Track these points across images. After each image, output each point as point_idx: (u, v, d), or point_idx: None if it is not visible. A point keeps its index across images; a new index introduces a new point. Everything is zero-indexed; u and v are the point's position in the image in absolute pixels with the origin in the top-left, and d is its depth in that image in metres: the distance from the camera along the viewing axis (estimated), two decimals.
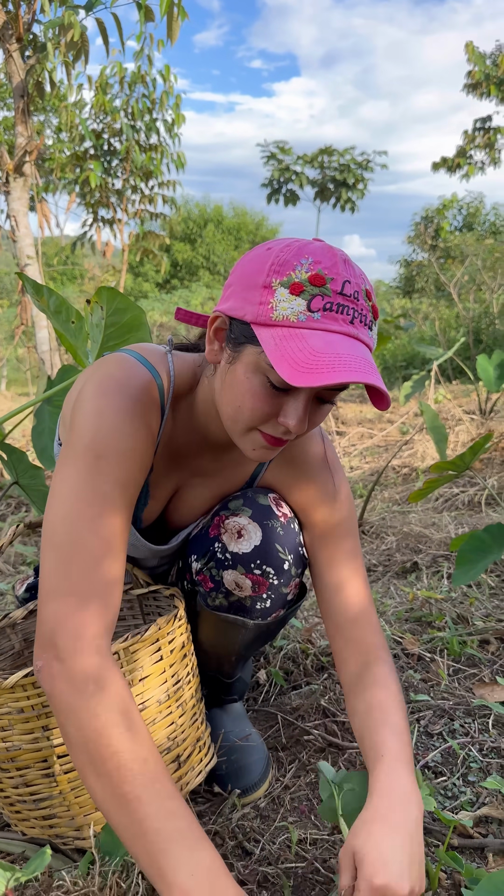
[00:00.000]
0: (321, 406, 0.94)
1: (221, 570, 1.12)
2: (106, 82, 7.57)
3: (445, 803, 1.18)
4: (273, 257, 0.87)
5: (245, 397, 0.91)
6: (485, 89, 10.79)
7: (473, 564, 1.67)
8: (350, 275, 0.87)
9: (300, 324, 0.84)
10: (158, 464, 1.10)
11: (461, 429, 4.63)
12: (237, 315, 0.89)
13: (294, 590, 1.16)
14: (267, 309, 0.86)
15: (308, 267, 0.85)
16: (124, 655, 1.00)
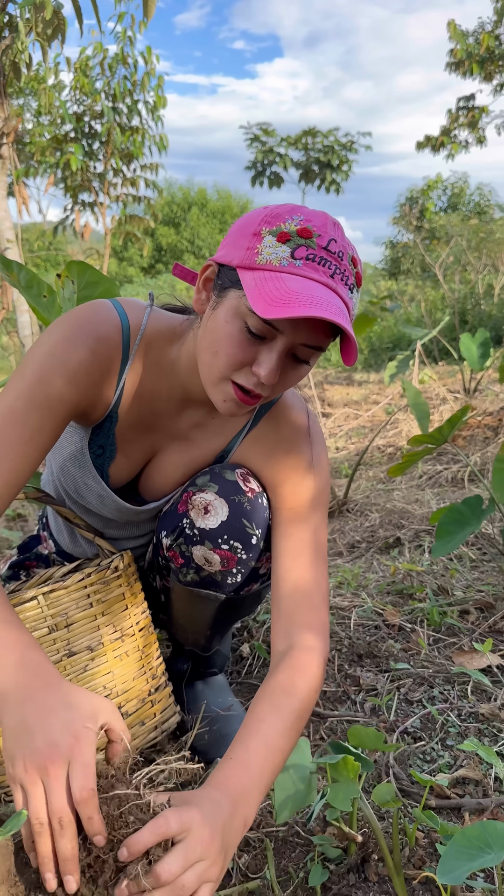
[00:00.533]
0: (297, 365, 0.96)
1: (190, 546, 1.12)
2: (86, 63, 7.48)
3: (424, 767, 1.20)
4: (267, 211, 0.92)
5: (222, 342, 0.93)
6: (467, 68, 10.73)
7: (452, 536, 1.69)
8: (337, 236, 0.91)
9: (282, 268, 0.88)
10: (128, 415, 1.10)
11: (445, 408, 4.65)
12: (226, 261, 0.93)
13: (266, 564, 1.16)
14: (253, 253, 0.90)
15: (298, 222, 0.90)
16: (45, 600, 1.03)
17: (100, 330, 1.02)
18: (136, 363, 1.07)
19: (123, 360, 1.05)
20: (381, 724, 1.31)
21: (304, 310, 0.83)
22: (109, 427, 1.11)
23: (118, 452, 1.14)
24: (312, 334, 0.92)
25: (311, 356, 0.95)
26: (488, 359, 4.63)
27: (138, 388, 1.08)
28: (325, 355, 11.89)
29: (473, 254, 12.32)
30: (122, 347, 1.04)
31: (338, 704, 1.38)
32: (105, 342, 1.02)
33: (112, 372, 1.05)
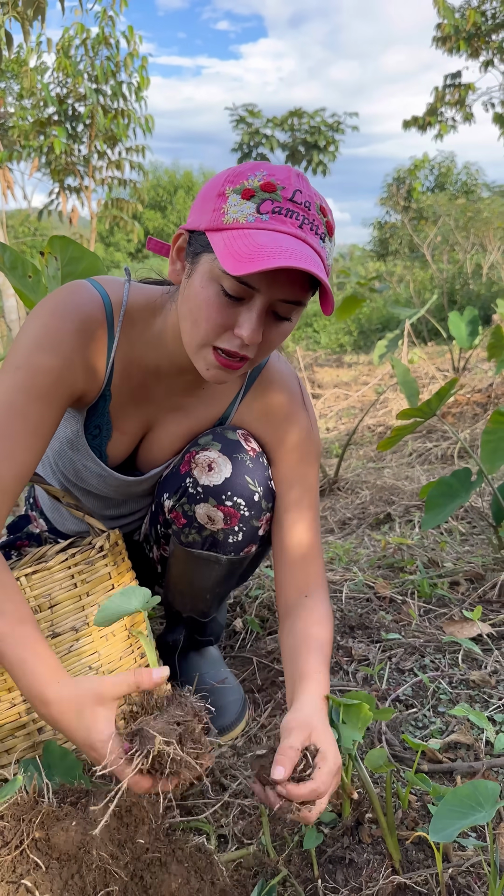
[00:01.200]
0: (279, 323, 0.95)
1: (194, 505, 1.13)
2: (68, 44, 7.38)
3: (416, 733, 1.21)
4: (230, 171, 0.92)
5: (201, 308, 0.93)
6: (454, 43, 10.64)
7: (442, 509, 1.70)
8: (302, 187, 0.91)
9: (249, 225, 0.88)
10: (120, 391, 1.11)
11: (435, 386, 4.66)
12: (195, 227, 0.94)
13: (266, 525, 1.17)
14: (220, 214, 0.90)
15: (261, 177, 0.89)
16: (27, 582, 1.03)
17: (83, 310, 1.02)
18: (123, 339, 1.07)
19: (110, 337, 1.05)
20: (373, 693, 1.32)
21: (274, 261, 0.83)
22: (104, 406, 1.11)
23: (114, 430, 1.15)
24: (289, 288, 0.91)
25: (292, 312, 0.95)
26: (477, 337, 4.63)
27: (127, 363, 1.09)
28: (314, 337, 11.87)
29: (461, 233, 12.29)
30: (107, 324, 1.05)
31: (331, 675, 1.39)
32: (89, 321, 1.02)
33: (100, 350, 1.05)
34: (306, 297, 0.95)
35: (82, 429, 1.13)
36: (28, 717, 1.02)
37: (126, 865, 0.85)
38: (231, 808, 1.06)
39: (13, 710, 1.01)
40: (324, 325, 12.15)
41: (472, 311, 4.83)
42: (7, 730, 1.01)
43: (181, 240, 0.98)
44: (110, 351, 1.06)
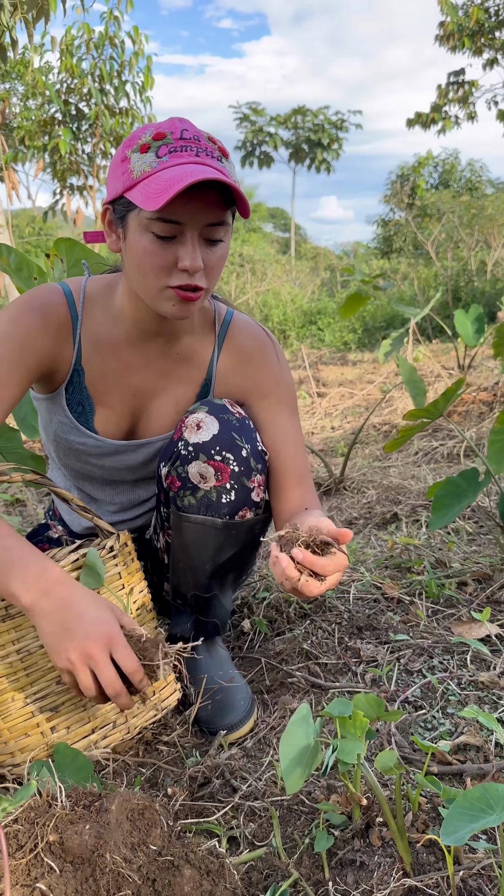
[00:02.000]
0: (212, 247, 1.07)
1: (186, 466, 1.19)
2: (72, 43, 7.38)
3: (425, 735, 1.21)
4: (125, 140, 1.08)
5: (142, 258, 1.05)
6: (457, 41, 10.61)
7: (449, 509, 1.69)
8: (187, 126, 1.06)
9: (154, 170, 1.01)
10: (92, 366, 1.22)
11: (441, 385, 4.66)
12: (114, 195, 1.07)
13: (259, 490, 1.23)
14: (129, 175, 1.03)
15: (150, 132, 1.04)
16: None
17: (44, 298, 1.17)
18: (87, 319, 1.21)
19: (74, 319, 1.19)
20: (381, 694, 1.32)
21: (182, 183, 0.95)
22: (79, 381, 1.22)
23: (97, 404, 1.24)
24: (209, 211, 1.03)
25: (219, 233, 1.06)
26: (482, 334, 4.62)
27: (94, 339, 1.21)
28: (318, 335, 11.86)
29: (465, 230, 12.27)
30: (69, 308, 1.19)
31: (339, 676, 1.40)
32: (51, 305, 1.17)
33: (65, 330, 1.18)
34: (226, 215, 1.06)
35: (66, 408, 1.23)
36: (41, 716, 1.03)
37: (139, 869, 0.85)
38: (241, 811, 1.07)
39: (26, 709, 1.02)
40: (328, 323, 12.14)
41: (477, 308, 4.82)
42: (20, 729, 1.02)
43: (108, 214, 1.11)
44: (75, 331, 1.19)
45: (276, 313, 12.06)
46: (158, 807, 0.95)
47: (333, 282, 15.68)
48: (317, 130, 27.84)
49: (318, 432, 4.28)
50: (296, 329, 11.99)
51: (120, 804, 0.90)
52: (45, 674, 1.02)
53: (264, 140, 28.08)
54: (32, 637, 1.01)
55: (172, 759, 1.20)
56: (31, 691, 1.01)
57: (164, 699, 1.17)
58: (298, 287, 14.34)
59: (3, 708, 1.00)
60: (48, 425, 1.28)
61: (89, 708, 1.06)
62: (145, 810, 0.92)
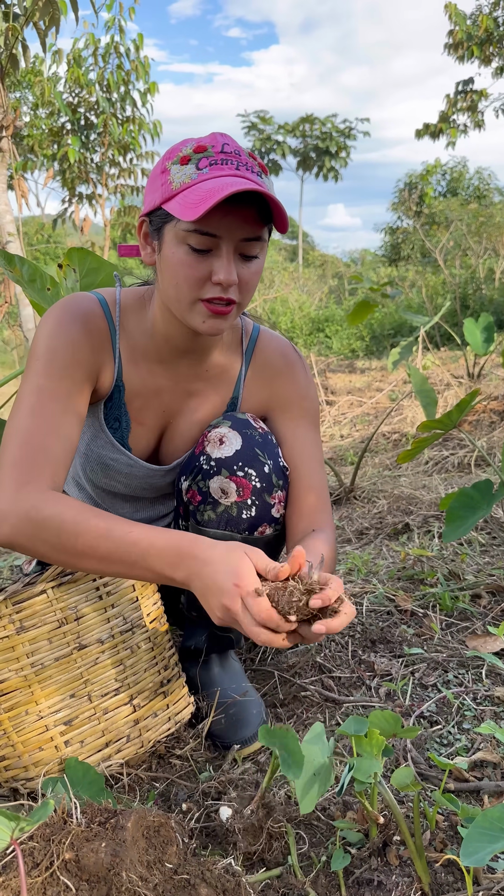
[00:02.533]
0: (247, 263, 1.06)
1: (208, 480, 1.18)
2: (79, 54, 7.43)
3: (441, 750, 1.20)
4: (165, 152, 1.07)
5: (177, 270, 1.05)
6: (466, 50, 10.63)
7: (463, 521, 1.68)
8: (228, 140, 1.05)
9: (194, 181, 1.01)
10: (132, 381, 1.20)
11: (450, 393, 4.64)
12: (151, 207, 1.07)
13: (279, 506, 1.22)
14: (168, 186, 1.03)
15: (192, 145, 1.04)
16: (53, 594, 1.03)
17: (83, 307, 1.15)
18: (123, 332, 1.19)
19: (112, 330, 1.17)
20: (396, 709, 1.31)
21: (221, 194, 0.94)
22: (119, 397, 1.21)
23: (133, 422, 1.23)
24: (245, 226, 1.02)
25: (255, 249, 1.06)
26: (492, 343, 4.61)
27: (132, 353, 1.20)
28: (326, 342, 11.87)
29: (473, 238, 12.27)
30: (107, 318, 1.17)
31: (353, 690, 1.38)
32: (91, 315, 1.15)
33: (105, 341, 1.16)
34: (263, 231, 1.05)
35: (103, 422, 1.21)
36: (55, 729, 1.02)
37: (155, 887, 0.84)
38: None
39: (40, 723, 1.01)
40: (336, 331, 12.14)
41: (487, 317, 4.81)
42: (34, 743, 1.01)
43: (144, 226, 1.10)
44: (115, 344, 1.18)
45: (283, 320, 12.08)
46: (174, 824, 0.94)
47: (341, 289, 15.69)
48: (324, 138, 27.92)
49: (328, 440, 4.28)
50: (303, 336, 12.00)
51: (136, 821, 0.89)
52: (60, 687, 1.01)
53: (272, 148, 28.18)
54: (48, 650, 1.00)
55: (185, 773, 1.19)
56: (46, 705, 1.00)
57: (178, 712, 1.17)
58: (306, 294, 14.36)
59: (17, 721, 0.99)
60: (80, 437, 1.24)
61: (103, 721, 1.05)
62: (161, 827, 0.91)
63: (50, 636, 1.00)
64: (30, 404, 1.05)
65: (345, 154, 28.16)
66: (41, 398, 1.05)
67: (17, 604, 0.98)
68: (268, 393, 1.29)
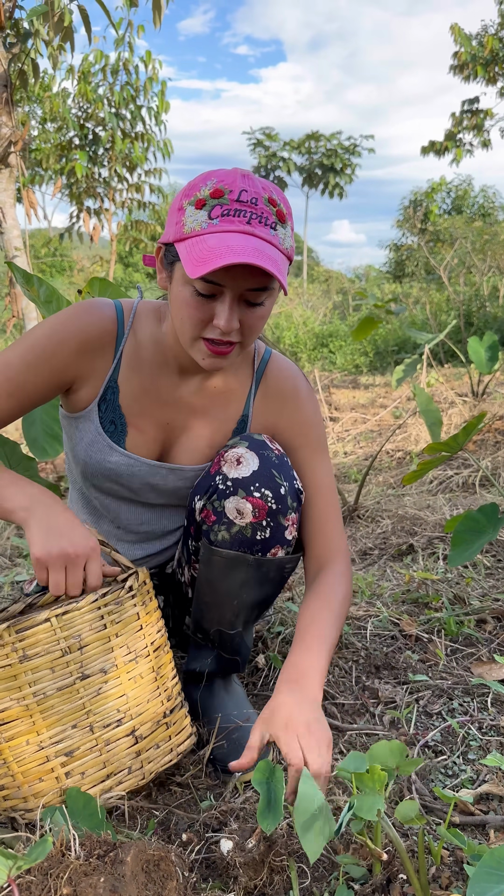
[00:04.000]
0: (253, 309, 1.07)
1: (223, 500, 1.18)
2: (88, 70, 7.50)
3: (446, 782, 1.18)
4: (187, 185, 1.07)
5: (182, 308, 1.07)
6: (471, 70, 10.72)
7: (469, 545, 1.67)
8: (248, 185, 1.03)
9: (203, 231, 1.01)
10: (129, 385, 1.23)
11: (454, 411, 4.63)
12: (166, 240, 1.09)
13: (292, 528, 1.22)
14: (180, 227, 1.05)
15: (211, 185, 1.03)
16: (57, 622, 1.01)
17: (97, 306, 1.19)
18: (132, 337, 1.22)
19: (120, 333, 1.20)
20: (400, 738, 1.29)
21: (220, 261, 0.96)
22: (113, 398, 1.22)
23: (129, 426, 1.24)
24: (250, 278, 1.03)
25: (260, 297, 1.07)
26: (496, 362, 4.60)
27: (136, 359, 1.22)
28: (330, 358, 11.88)
29: (478, 256, 12.31)
30: (118, 323, 1.20)
31: (356, 717, 1.37)
32: (102, 317, 1.19)
33: (107, 343, 1.19)
34: (269, 282, 1.05)
35: (98, 425, 1.23)
36: (56, 760, 1.01)
37: None
38: None
39: (41, 754, 1.00)
40: (339, 346, 12.16)
41: (491, 335, 4.81)
42: (34, 774, 1.00)
43: (161, 252, 1.13)
44: (118, 346, 1.20)
45: (287, 335, 12.10)
46: (174, 857, 0.93)
47: (345, 305, 15.74)
48: (330, 155, 28.12)
49: (332, 457, 4.27)
50: (307, 351, 12.02)
51: (135, 855, 0.87)
52: (62, 717, 1.00)
53: (278, 165, 28.37)
54: (50, 679, 0.99)
55: (186, 801, 1.17)
56: (47, 735, 0.99)
57: (181, 743, 1.15)
58: (310, 310, 14.40)
59: (18, 751, 0.97)
60: (76, 446, 1.27)
61: (104, 752, 1.03)
62: (161, 861, 0.90)
63: (53, 665, 0.99)
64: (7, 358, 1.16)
65: (349, 171, 28.35)
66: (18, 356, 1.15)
67: (21, 631, 0.97)
68: (275, 418, 1.30)
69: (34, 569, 1.04)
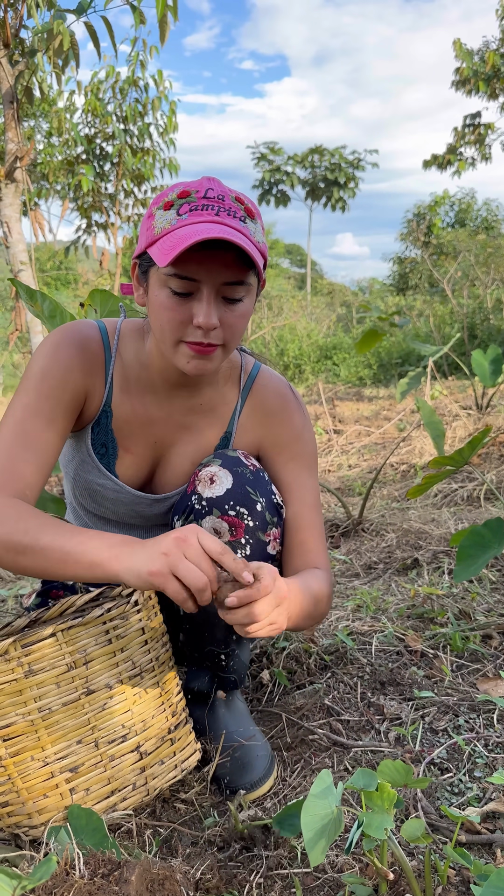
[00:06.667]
0: (232, 306, 1.07)
1: (200, 520, 1.17)
2: (98, 87, 7.57)
3: (452, 799, 1.17)
4: (156, 196, 1.10)
5: (160, 312, 1.07)
6: (473, 86, 10.79)
7: (474, 560, 1.66)
8: (214, 185, 1.06)
9: (172, 227, 1.02)
10: (121, 408, 1.22)
11: (458, 424, 4.63)
12: (139, 251, 1.10)
13: (275, 543, 1.21)
14: (151, 231, 1.06)
15: (178, 190, 1.06)
16: (63, 637, 1.00)
17: (81, 332, 1.18)
18: (119, 359, 1.22)
19: (107, 357, 1.20)
20: (406, 755, 1.28)
21: (189, 241, 0.96)
22: (106, 423, 1.22)
23: (120, 449, 1.24)
24: (226, 270, 1.03)
25: (238, 293, 1.06)
26: (500, 375, 4.61)
27: (124, 381, 1.22)
28: (334, 370, 11.90)
29: (481, 269, 12.34)
30: (104, 345, 1.20)
31: (361, 734, 1.36)
32: (88, 339, 1.18)
33: (99, 366, 1.19)
34: (245, 275, 1.05)
35: (90, 446, 1.23)
36: (60, 776, 1.00)
37: None
38: (258, 874, 1.03)
39: (45, 769, 1.00)
40: (343, 359, 12.18)
41: (495, 349, 4.81)
42: (38, 790, 0.99)
43: (136, 268, 1.14)
44: (108, 369, 1.20)
45: (291, 348, 12.13)
46: (179, 876, 0.92)
47: (349, 317, 15.78)
48: (333, 169, 28.29)
49: (335, 470, 4.26)
50: (311, 364, 12.04)
51: (140, 874, 0.87)
52: (67, 733, 0.99)
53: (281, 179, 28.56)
54: (55, 694, 0.98)
55: (190, 818, 1.16)
56: (52, 751, 0.99)
57: (185, 759, 1.14)
58: (314, 322, 14.44)
59: (23, 767, 0.97)
60: (69, 463, 1.28)
61: (109, 768, 1.03)
62: (166, 881, 0.89)
63: (58, 680, 0.99)
64: (13, 420, 1.10)
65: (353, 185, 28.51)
66: (25, 414, 1.10)
67: (27, 646, 0.97)
68: (262, 432, 1.29)
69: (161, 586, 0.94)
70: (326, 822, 0.91)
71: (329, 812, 0.92)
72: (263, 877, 1.02)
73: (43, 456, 1.10)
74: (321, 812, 0.91)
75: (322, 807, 0.92)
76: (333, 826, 0.91)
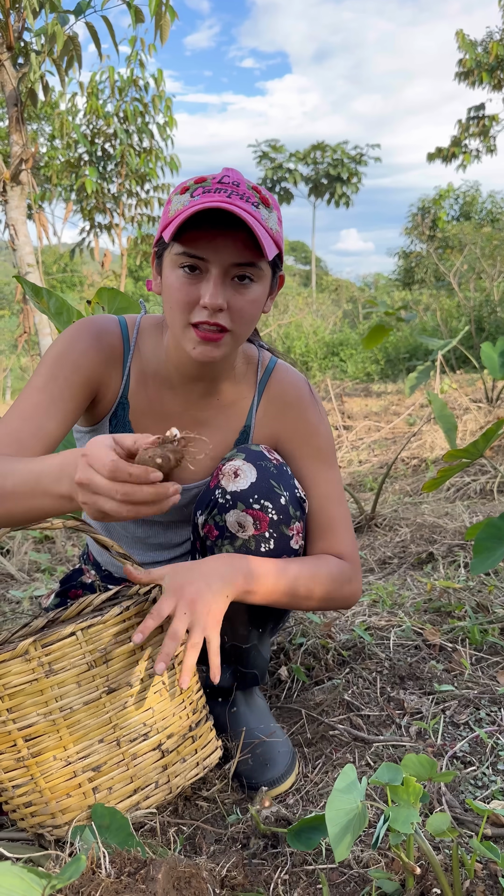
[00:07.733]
0: (240, 288, 1.07)
1: (224, 514, 1.17)
2: (97, 87, 7.57)
3: (476, 793, 1.17)
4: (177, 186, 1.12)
5: (171, 293, 1.08)
6: (476, 77, 10.74)
7: (491, 552, 1.65)
8: (231, 173, 1.08)
9: (185, 208, 1.03)
10: (138, 400, 1.23)
11: (469, 417, 4.61)
12: (157, 237, 1.12)
13: (298, 537, 1.20)
14: (167, 217, 1.08)
15: (197, 177, 1.08)
16: (83, 636, 0.99)
17: (100, 325, 1.20)
18: (137, 353, 1.23)
19: (126, 350, 1.21)
20: (428, 749, 1.27)
21: (195, 208, 0.98)
22: (123, 415, 1.23)
23: None
24: (235, 251, 1.04)
25: (248, 273, 1.06)
26: None
27: (142, 374, 1.23)
28: (341, 366, 11.87)
29: (487, 261, 12.27)
30: (123, 339, 1.22)
31: (382, 729, 1.35)
32: (106, 331, 1.20)
33: (117, 359, 1.20)
34: (256, 258, 1.05)
35: None
36: (83, 776, 1.00)
37: None
38: (283, 870, 1.02)
39: (68, 769, 0.99)
40: (350, 355, 12.15)
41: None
42: (61, 790, 0.99)
43: (154, 259, 1.15)
44: (126, 362, 1.21)
45: (298, 345, 12.11)
46: (205, 873, 0.92)
47: (355, 313, 15.74)
48: (336, 165, 28.21)
49: (346, 466, 4.25)
50: (318, 360, 12.02)
51: (167, 872, 0.86)
52: (89, 732, 0.99)
53: (284, 176, 28.50)
54: (76, 693, 0.98)
55: (213, 815, 1.16)
56: (74, 750, 0.98)
57: (207, 757, 1.14)
58: (320, 319, 14.41)
59: (45, 767, 0.97)
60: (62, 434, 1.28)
61: (131, 767, 1.03)
62: (192, 878, 0.89)
63: (79, 679, 0.98)
64: (21, 400, 1.13)
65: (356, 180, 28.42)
66: (31, 393, 1.13)
67: (47, 646, 0.96)
68: (278, 427, 1.29)
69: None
70: (352, 818, 0.90)
71: (354, 807, 0.91)
72: (288, 873, 1.02)
73: (42, 433, 1.11)
74: (346, 807, 0.91)
75: (347, 802, 0.91)
76: (358, 821, 0.90)
